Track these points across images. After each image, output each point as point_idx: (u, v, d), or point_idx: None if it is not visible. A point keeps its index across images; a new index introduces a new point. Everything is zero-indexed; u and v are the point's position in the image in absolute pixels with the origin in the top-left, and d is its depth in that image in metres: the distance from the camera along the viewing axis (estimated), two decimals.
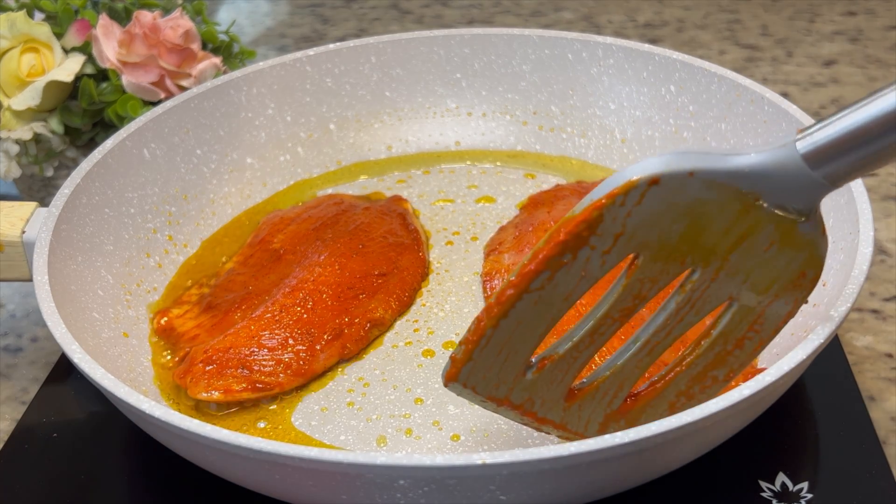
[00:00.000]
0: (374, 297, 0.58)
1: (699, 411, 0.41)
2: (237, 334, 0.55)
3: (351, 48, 0.74)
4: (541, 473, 0.40)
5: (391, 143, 0.75)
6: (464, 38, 0.74)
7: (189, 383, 0.52)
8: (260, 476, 0.43)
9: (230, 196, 0.70)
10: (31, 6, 0.69)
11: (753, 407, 0.46)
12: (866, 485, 0.49)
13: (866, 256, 0.49)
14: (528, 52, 0.74)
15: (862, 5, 1.03)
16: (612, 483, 0.44)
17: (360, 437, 0.51)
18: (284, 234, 0.64)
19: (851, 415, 0.53)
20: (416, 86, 0.75)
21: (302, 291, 0.57)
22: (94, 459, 0.54)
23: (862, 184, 0.54)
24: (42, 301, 0.50)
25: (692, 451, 0.45)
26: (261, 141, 0.72)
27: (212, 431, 0.41)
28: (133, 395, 0.44)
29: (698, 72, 0.67)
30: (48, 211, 0.56)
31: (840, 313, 0.46)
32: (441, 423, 0.52)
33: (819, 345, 0.44)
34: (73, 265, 0.56)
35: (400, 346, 0.57)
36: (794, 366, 0.43)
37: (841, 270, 0.51)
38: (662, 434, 0.40)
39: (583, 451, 0.39)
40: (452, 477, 0.40)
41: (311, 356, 0.54)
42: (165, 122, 0.66)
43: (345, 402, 0.53)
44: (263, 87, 0.71)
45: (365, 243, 0.61)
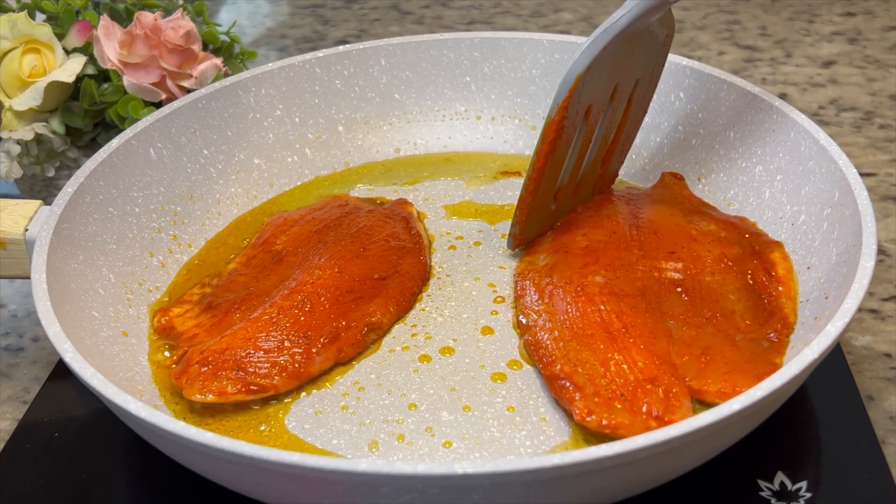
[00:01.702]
0: (373, 301, 0.58)
1: (686, 426, 0.40)
2: (234, 335, 0.55)
3: (361, 50, 0.74)
4: (524, 484, 0.40)
5: (399, 145, 0.75)
6: (474, 42, 0.74)
7: (185, 384, 0.53)
8: (244, 479, 0.43)
9: (236, 196, 0.70)
10: (32, 7, 0.70)
11: (747, 419, 0.45)
12: (865, 484, 0.49)
13: (867, 270, 0.48)
14: (539, 57, 0.73)
15: (860, 6, 1.02)
16: (599, 495, 0.43)
17: (353, 442, 0.51)
18: (287, 235, 0.64)
19: (850, 414, 0.53)
20: (425, 89, 0.75)
21: (300, 294, 0.57)
22: (94, 459, 0.54)
23: (867, 196, 0.53)
24: (38, 299, 0.50)
25: (683, 465, 0.45)
26: (269, 142, 0.72)
27: (196, 434, 0.41)
28: (120, 394, 0.44)
29: (708, 79, 0.67)
30: (50, 209, 0.57)
31: (837, 328, 0.45)
32: (434, 429, 0.51)
33: (813, 360, 0.44)
34: (75, 263, 0.56)
35: (397, 351, 0.57)
36: (787, 380, 0.43)
37: (843, 284, 0.50)
38: (649, 447, 0.39)
39: (566, 463, 0.39)
40: (434, 486, 0.39)
41: (306, 359, 0.54)
42: (173, 122, 0.66)
43: (339, 406, 0.53)
44: (272, 89, 0.72)
45: (366, 246, 0.61)
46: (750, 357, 0.52)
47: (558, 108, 0.57)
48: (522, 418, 0.52)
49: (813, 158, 0.59)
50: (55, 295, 0.51)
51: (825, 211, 0.57)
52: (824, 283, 0.54)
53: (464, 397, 0.53)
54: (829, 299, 0.52)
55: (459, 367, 0.55)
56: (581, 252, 0.59)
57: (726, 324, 0.54)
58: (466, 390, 0.53)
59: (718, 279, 0.57)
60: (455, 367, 0.55)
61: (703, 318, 0.54)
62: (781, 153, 0.62)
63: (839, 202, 0.55)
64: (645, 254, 0.58)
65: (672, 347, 0.53)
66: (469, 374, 0.54)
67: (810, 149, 0.59)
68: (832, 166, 0.57)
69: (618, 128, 0.63)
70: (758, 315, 0.55)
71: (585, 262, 0.58)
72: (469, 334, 0.57)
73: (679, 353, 0.52)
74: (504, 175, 0.72)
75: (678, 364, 0.52)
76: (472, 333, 0.57)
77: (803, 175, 0.60)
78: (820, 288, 0.54)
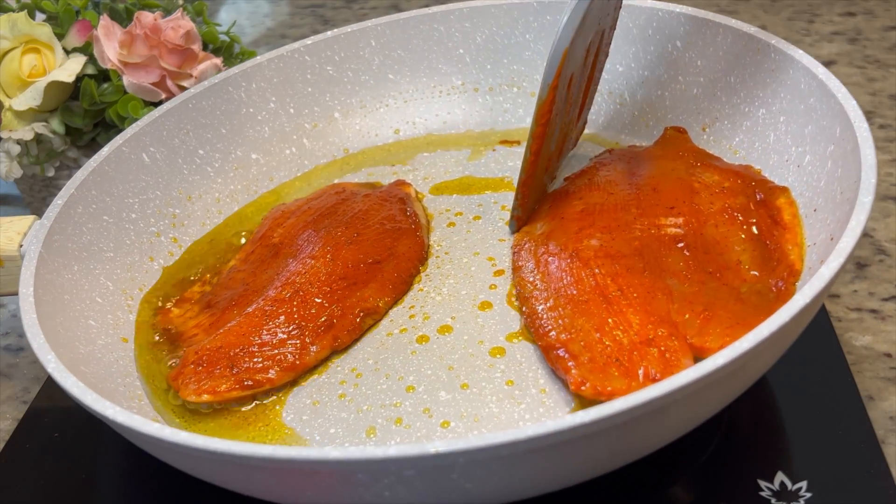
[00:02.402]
0: (368, 286, 0.57)
1: (674, 381, 0.38)
2: (227, 333, 0.54)
3: (349, 33, 0.72)
4: (502, 459, 0.38)
5: (398, 126, 0.74)
6: (463, 13, 0.72)
7: (180, 385, 0.52)
8: (225, 476, 0.43)
9: (237, 193, 0.69)
10: (32, 7, 0.70)
11: (737, 375, 0.43)
12: (865, 484, 0.48)
13: (865, 206, 0.46)
14: (530, 20, 0.71)
15: (860, 6, 1.00)
16: (581, 467, 0.42)
17: (350, 430, 0.50)
18: (284, 228, 0.63)
19: (850, 414, 0.52)
20: (419, 66, 0.74)
21: (292, 285, 0.56)
22: (94, 459, 0.54)
23: (867, 129, 0.50)
24: (24, 313, 0.50)
25: (673, 428, 0.43)
26: (265, 136, 0.71)
27: (170, 434, 0.41)
28: (99, 401, 0.44)
29: (703, 24, 0.64)
30: (40, 223, 0.57)
31: (832, 269, 0.43)
32: (431, 410, 0.50)
33: (805, 305, 0.41)
34: (68, 274, 0.57)
35: (395, 334, 0.55)
36: (775, 329, 0.40)
37: (844, 222, 0.47)
38: (627, 411, 0.38)
39: (541, 434, 0.37)
40: (409, 467, 0.38)
41: (302, 350, 0.53)
42: (164, 125, 0.66)
43: (336, 395, 0.52)
44: (263, 82, 0.71)
45: (360, 231, 0.60)
46: (754, 310, 0.49)
47: (549, 88, 0.55)
48: (522, 392, 0.50)
49: (814, 95, 0.56)
50: (44, 307, 0.51)
51: (829, 148, 0.54)
52: (830, 224, 0.51)
53: (462, 375, 0.52)
54: (834, 240, 0.49)
55: (458, 345, 0.54)
56: (577, 216, 0.57)
57: (731, 276, 0.52)
58: (465, 368, 0.52)
59: (722, 231, 0.54)
60: (453, 345, 0.54)
61: (707, 273, 0.52)
62: (783, 93, 0.59)
63: (841, 137, 0.52)
64: (643, 212, 0.56)
65: (672, 306, 0.50)
66: (467, 352, 0.53)
67: (810, 85, 0.56)
68: (832, 101, 0.54)
69: (588, 80, 0.62)
70: (764, 264, 0.52)
71: (581, 226, 0.56)
72: (467, 311, 0.56)
73: (680, 311, 0.50)
74: (504, 143, 0.70)
75: (679, 322, 0.49)
76: (471, 310, 0.56)
77: (806, 113, 0.57)
78: (826, 229, 0.51)
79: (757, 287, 0.51)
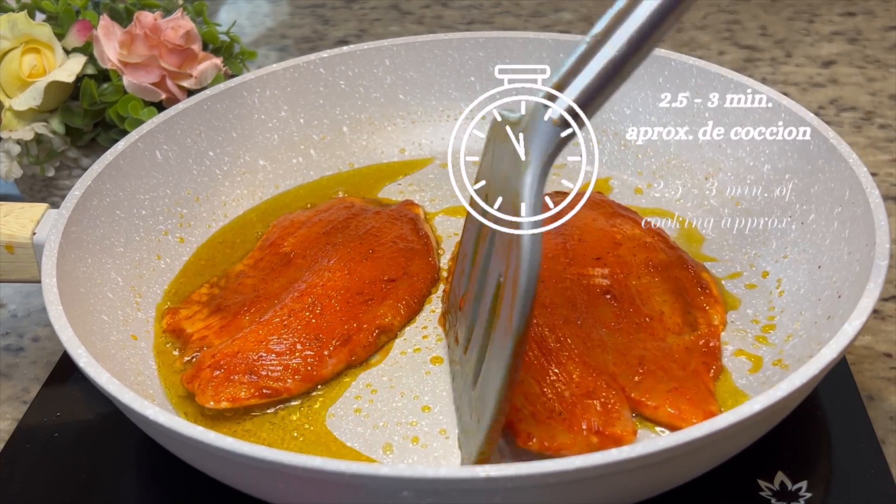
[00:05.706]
0: (383, 303, 0.58)
1: (708, 426, 0.40)
2: (245, 338, 0.54)
3: (365, 50, 0.73)
4: (545, 487, 0.40)
5: (404, 146, 0.75)
6: (478, 42, 0.74)
7: (197, 389, 0.52)
8: (261, 483, 0.43)
9: (242, 198, 0.69)
10: (32, 7, 0.70)
11: (766, 420, 0.45)
12: (865, 484, 0.49)
13: (882, 269, 0.48)
14: (543, 56, 0.73)
15: (860, 6, 1.02)
16: (619, 496, 0.43)
17: (367, 445, 0.51)
18: (295, 237, 0.63)
19: (850, 414, 0.53)
20: (429, 89, 0.75)
21: (311, 296, 0.57)
22: (94, 459, 0.54)
23: (879, 195, 0.53)
24: (50, 304, 0.50)
25: (703, 465, 0.45)
26: (273, 143, 0.72)
27: (215, 439, 0.41)
28: (137, 400, 0.44)
29: (715, 77, 0.67)
30: (58, 213, 0.56)
31: (854, 327, 0.45)
32: (448, 431, 0.51)
33: (832, 359, 0.44)
34: (83, 267, 0.56)
35: (408, 353, 0.56)
36: (805, 380, 0.43)
37: (857, 282, 0.50)
38: (670, 449, 0.39)
39: (588, 466, 0.39)
40: (456, 489, 0.39)
41: (319, 361, 0.54)
42: (178, 124, 0.66)
43: (352, 409, 0.53)
44: (277, 90, 0.71)
45: (375, 248, 0.61)
46: (688, 373, 0.51)
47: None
48: None
49: (822, 157, 0.59)
50: (65, 299, 0.51)
51: (836, 209, 0.57)
52: (836, 282, 0.53)
53: None
54: (843, 298, 0.51)
55: None
56: None
57: (656, 325, 0.54)
58: None
59: (645, 282, 0.57)
60: None
61: (634, 324, 0.54)
62: (790, 152, 0.62)
63: (850, 201, 0.55)
64: (572, 261, 0.58)
65: (608, 356, 0.52)
66: None
67: (819, 147, 0.59)
68: (842, 165, 0.57)
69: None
70: (685, 316, 0.55)
71: None
72: None
73: (616, 362, 0.52)
74: None
75: (616, 373, 0.51)
76: None
77: (812, 174, 0.60)
78: (832, 287, 0.54)
79: (685, 342, 0.53)
